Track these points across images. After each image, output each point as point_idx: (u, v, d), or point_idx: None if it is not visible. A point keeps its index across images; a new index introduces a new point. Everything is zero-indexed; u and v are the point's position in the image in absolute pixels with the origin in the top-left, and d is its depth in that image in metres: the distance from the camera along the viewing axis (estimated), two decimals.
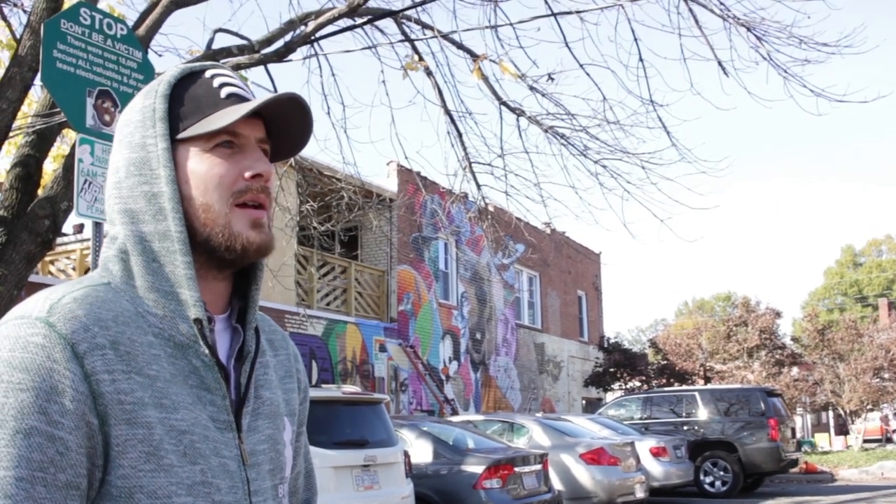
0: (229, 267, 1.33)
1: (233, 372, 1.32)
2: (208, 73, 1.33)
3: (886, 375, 29.71)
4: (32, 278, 8.36)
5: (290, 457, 1.42)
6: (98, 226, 5.10)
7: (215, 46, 7.13)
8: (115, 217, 1.29)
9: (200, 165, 1.28)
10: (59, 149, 8.40)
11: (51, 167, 7.68)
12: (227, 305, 1.35)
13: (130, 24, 6.17)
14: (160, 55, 8.43)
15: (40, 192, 6.18)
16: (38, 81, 5.97)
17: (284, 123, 1.34)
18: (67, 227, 18.60)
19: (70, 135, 7.87)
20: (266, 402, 1.37)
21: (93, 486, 1.13)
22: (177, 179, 1.27)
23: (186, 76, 1.32)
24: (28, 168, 6.04)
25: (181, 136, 1.28)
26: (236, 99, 1.31)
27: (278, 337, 1.49)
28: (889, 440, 36.44)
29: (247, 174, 1.28)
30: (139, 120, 1.30)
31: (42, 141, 6.16)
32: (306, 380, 1.54)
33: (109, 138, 5.17)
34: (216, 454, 1.23)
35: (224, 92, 1.30)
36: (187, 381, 1.22)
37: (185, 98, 1.30)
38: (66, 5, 5.98)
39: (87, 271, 16.89)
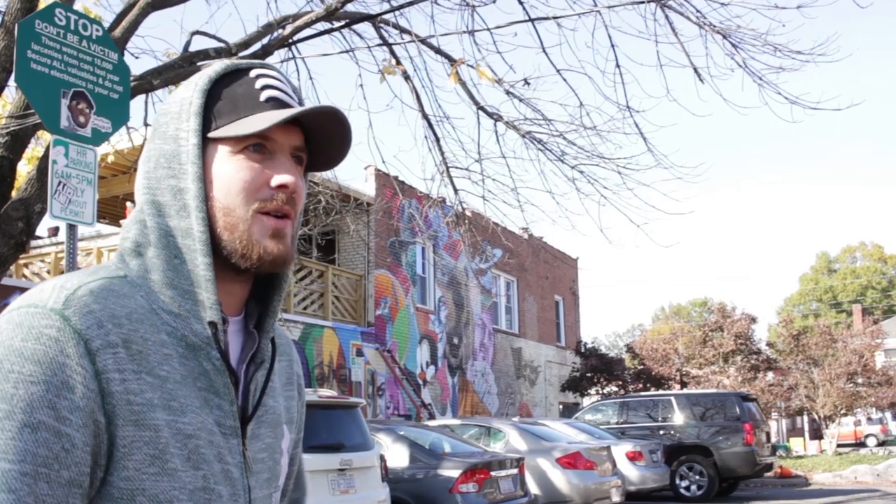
0: (246, 273, 1.29)
1: (242, 376, 1.30)
2: (253, 73, 1.29)
3: (860, 381, 29.97)
4: (5, 281, 8.29)
5: (285, 465, 1.40)
6: (72, 228, 5.07)
7: (192, 49, 7.10)
8: (143, 207, 1.26)
9: (227, 167, 1.24)
10: (34, 150, 8.34)
11: (25, 169, 7.62)
12: (241, 307, 1.33)
13: (106, 25, 6.14)
14: (137, 57, 8.39)
15: (14, 193, 6.13)
16: (12, 82, 5.92)
17: (322, 135, 1.30)
18: (42, 230, 18.46)
19: (45, 136, 7.82)
20: (269, 410, 1.35)
21: (94, 486, 1.11)
22: (205, 179, 1.24)
23: (230, 73, 1.28)
24: (1, 170, 5.99)
25: (212, 134, 1.24)
26: (276, 103, 1.27)
27: (283, 341, 1.47)
28: (863, 444, 36.74)
29: (273, 183, 1.25)
30: (176, 112, 1.27)
31: (16, 142, 6.11)
32: (303, 385, 1.53)
33: (84, 140, 5.13)
34: (219, 460, 1.21)
35: (265, 95, 1.26)
36: (196, 384, 1.20)
37: (223, 95, 1.26)
38: (41, 6, 5.94)
39: (61, 273, 16.97)
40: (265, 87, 1.27)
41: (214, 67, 1.28)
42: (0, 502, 1.03)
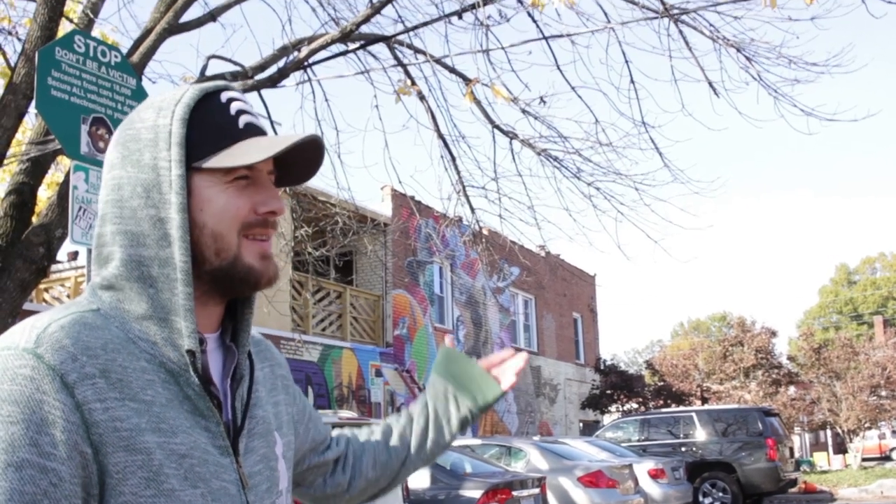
0: (234, 295, 1.33)
1: (228, 392, 1.32)
2: (224, 97, 1.30)
3: (884, 393, 29.70)
4: (27, 306, 8.35)
5: (283, 470, 1.41)
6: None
7: (209, 73, 7.16)
8: (109, 238, 1.26)
9: (217, 196, 1.26)
10: (54, 176, 8.41)
11: (45, 194, 7.68)
12: (219, 324, 1.35)
13: (124, 51, 6.20)
14: (154, 82, 8.47)
15: (35, 219, 6.17)
16: (32, 109, 5.98)
17: (294, 157, 1.34)
18: (61, 255, 18.59)
19: (64, 162, 7.88)
20: (259, 422, 1.37)
21: None
22: (189, 206, 1.25)
23: (202, 98, 1.29)
24: (23, 195, 6.04)
25: (204, 165, 1.25)
26: (254, 129, 1.30)
27: (262, 346, 1.50)
28: (888, 458, 36.35)
29: (262, 209, 1.28)
30: (150, 139, 1.26)
31: (36, 168, 6.16)
32: (291, 384, 1.56)
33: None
34: (216, 477, 1.22)
35: (242, 121, 1.29)
36: (183, 406, 1.22)
37: (202, 124, 1.27)
38: (60, 34, 6.00)
39: None
40: (239, 111, 1.30)
41: (189, 95, 1.29)
42: None
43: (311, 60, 7.13)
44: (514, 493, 10.26)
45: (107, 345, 1.17)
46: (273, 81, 6.96)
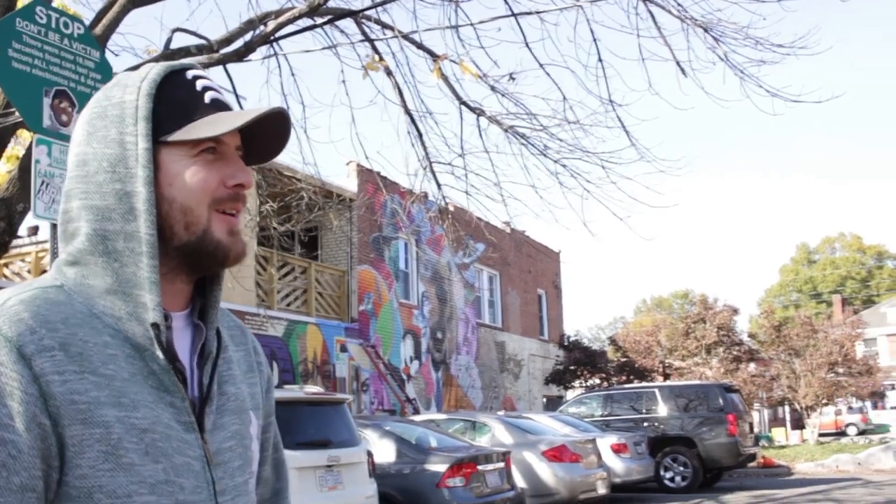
0: (203, 272, 1.33)
1: (196, 369, 1.31)
2: (189, 74, 1.31)
3: (841, 370, 30.23)
4: None
5: (256, 450, 1.41)
6: (55, 227, 5.03)
7: (173, 46, 7.06)
8: (76, 213, 1.26)
9: (185, 169, 1.26)
10: (14, 149, 8.27)
11: (4, 168, 7.56)
12: (187, 303, 1.34)
13: (87, 22, 6.10)
14: (117, 55, 8.34)
15: None
16: None
17: (261, 133, 1.34)
18: (22, 230, 18.33)
19: (23, 135, 7.76)
20: (231, 398, 1.36)
21: (50, 488, 1.12)
22: (156, 181, 1.25)
23: (168, 75, 1.30)
24: None
25: (170, 138, 1.26)
26: (219, 104, 1.31)
27: (238, 332, 1.49)
28: (844, 434, 37.03)
29: (230, 182, 1.28)
30: (117, 115, 1.27)
31: None
32: (269, 370, 1.54)
33: (67, 138, 5.10)
34: (179, 453, 1.22)
35: (207, 97, 1.30)
36: (147, 382, 1.21)
37: (168, 99, 1.28)
38: (20, 4, 5.89)
39: (42, 273, 16.63)
40: (205, 88, 1.30)
41: (155, 71, 1.29)
42: None
43: (277, 35, 7.06)
44: (479, 468, 10.34)
45: (68, 319, 1.17)
46: (239, 55, 6.89)
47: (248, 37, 7.13)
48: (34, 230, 18.07)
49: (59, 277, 1.25)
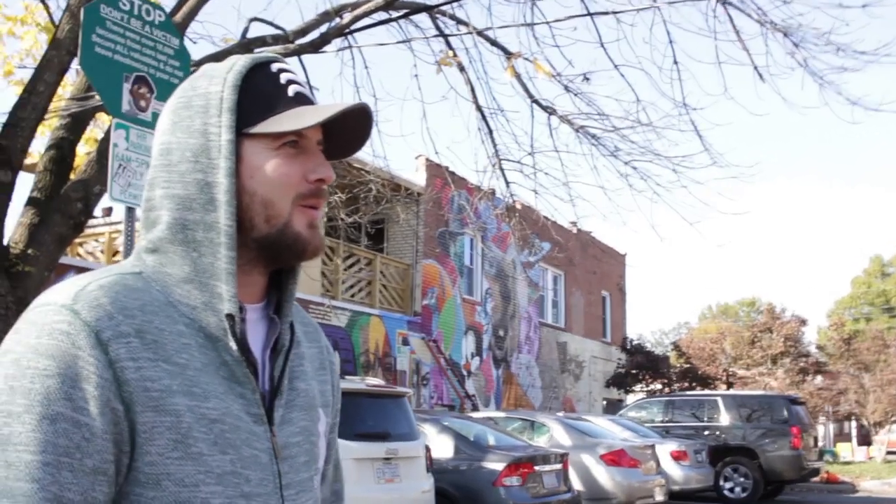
0: (280, 265, 1.34)
1: (268, 363, 1.32)
2: (274, 67, 1.32)
3: None
4: (62, 259, 8.43)
5: (323, 448, 1.41)
6: (131, 210, 5.14)
7: (250, 35, 7.15)
8: (158, 202, 1.27)
9: (268, 162, 1.27)
10: (92, 132, 8.46)
11: (83, 150, 7.73)
12: (263, 295, 1.35)
13: (168, 10, 6.20)
14: (195, 42, 8.48)
15: (73, 175, 6.22)
16: (73, 65, 6.01)
17: (343, 129, 1.34)
18: (96, 211, 18.76)
19: (102, 118, 7.93)
20: (301, 394, 1.36)
21: (120, 472, 1.13)
22: (238, 172, 1.26)
23: (253, 67, 1.30)
24: (62, 151, 6.09)
25: (253, 130, 1.26)
26: (303, 99, 1.31)
27: (311, 328, 1.49)
28: None
29: (312, 177, 1.29)
30: (201, 105, 1.28)
31: (76, 124, 6.20)
32: (338, 371, 1.54)
33: (145, 124, 5.20)
34: (248, 445, 1.22)
35: (291, 90, 1.30)
36: (219, 372, 1.22)
37: (252, 91, 1.28)
38: None
39: (115, 254, 16.87)
40: (289, 82, 1.30)
41: (242, 62, 1.30)
42: (25, 492, 1.05)
43: (353, 27, 7.10)
44: (537, 468, 10.30)
45: (145, 306, 1.18)
46: (314, 47, 6.94)
47: (323, 28, 7.18)
48: (108, 211, 18.49)
49: (138, 264, 1.26)
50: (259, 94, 1.28)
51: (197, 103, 1.28)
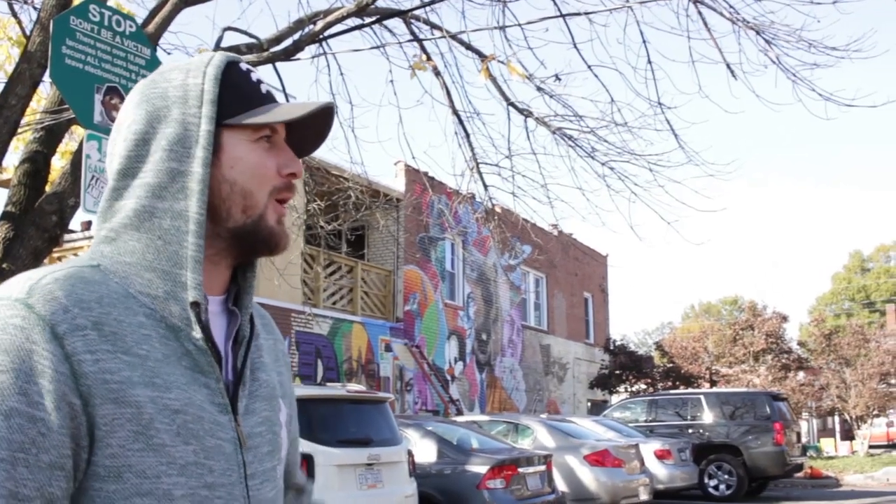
0: (251, 256, 1.36)
1: (230, 354, 1.32)
2: (243, 67, 1.35)
3: (893, 381, 29.68)
4: None
5: (285, 438, 1.42)
6: None
7: (224, 44, 7.14)
8: (127, 190, 1.27)
9: (247, 154, 1.30)
10: (67, 145, 8.43)
11: (59, 163, 7.70)
12: (225, 288, 1.36)
13: (140, 21, 6.19)
14: (169, 53, 8.46)
15: (48, 188, 6.19)
16: (46, 77, 5.98)
17: (306, 127, 1.37)
18: (75, 224, 18.67)
19: (78, 131, 7.89)
20: (263, 384, 1.37)
21: (79, 467, 1.12)
22: (217, 163, 1.28)
23: (229, 63, 1.33)
24: (36, 164, 6.06)
25: (234, 121, 1.29)
26: (272, 97, 1.35)
27: (266, 320, 1.50)
28: (895, 446, 36.32)
29: (284, 171, 1.32)
30: (179, 96, 1.29)
31: (50, 137, 6.17)
32: (289, 363, 1.56)
33: None
34: (211, 435, 1.22)
35: (263, 88, 1.34)
36: (181, 363, 1.21)
37: (231, 85, 1.31)
38: (75, 2, 6.00)
39: None
40: (258, 81, 1.34)
41: (218, 57, 1.33)
42: None
43: (326, 34, 7.10)
44: (520, 470, 10.31)
45: (102, 298, 1.18)
46: (288, 54, 6.94)
47: (297, 36, 7.19)
48: (87, 225, 18.40)
49: (95, 257, 1.25)
50: (237, 89, 1.31)
51: (174, 94, 1.29)
